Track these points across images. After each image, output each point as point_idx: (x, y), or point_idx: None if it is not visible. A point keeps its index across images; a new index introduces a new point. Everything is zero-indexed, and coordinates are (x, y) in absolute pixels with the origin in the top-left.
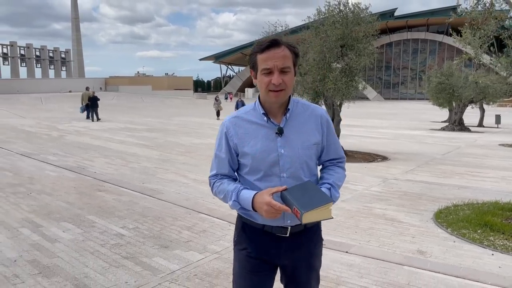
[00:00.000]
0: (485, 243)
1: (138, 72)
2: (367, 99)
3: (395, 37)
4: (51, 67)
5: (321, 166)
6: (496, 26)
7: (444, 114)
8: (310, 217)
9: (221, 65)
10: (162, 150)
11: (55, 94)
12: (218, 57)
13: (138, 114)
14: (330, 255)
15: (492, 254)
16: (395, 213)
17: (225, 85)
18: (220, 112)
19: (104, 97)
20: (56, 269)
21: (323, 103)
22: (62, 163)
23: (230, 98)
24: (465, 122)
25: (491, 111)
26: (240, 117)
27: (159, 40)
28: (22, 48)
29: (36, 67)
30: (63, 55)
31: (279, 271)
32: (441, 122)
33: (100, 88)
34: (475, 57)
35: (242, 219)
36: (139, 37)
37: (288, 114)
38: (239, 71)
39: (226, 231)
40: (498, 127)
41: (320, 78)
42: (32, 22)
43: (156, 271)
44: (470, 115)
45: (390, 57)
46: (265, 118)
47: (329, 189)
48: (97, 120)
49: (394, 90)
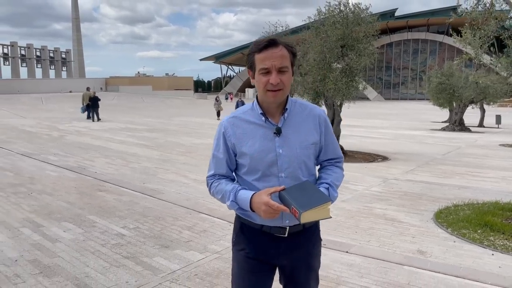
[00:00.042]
0: (485, 243)
1: (138, 72)
2: (367, 99)
3: (396, 37)
4: (51, 67)
5: (319, 166)
6: (496, 26)
7: (444, 114)
8: (309, 216)
9: (222, 65)
10: (162, 150)
11: (56, 94)
12: (218, 57)
13: (139, 114)
14: (330, 255)
15: (492, 254)
16: (395, 213)
17: (225, 85)
18: (221, 112)
19: (104, 97)
20: (57, 269)
21: (323, 103)
22: (62, 163)
23: (231, 98)
24: (465, 122)
25: (492, 111)
26: (238, 117)
27: (159, 40)
28: (23, 48)
29: (37, 67)
30: (63, 55)
31: (278, 271)
32: (442, 122)
33: (101, 88)
34: (475, 57)
35: (240, 219)
36: (140, 37)
37: (286, 114)
38: (239, 71)
39: (227, 231)
40: (498, 128)
41: (320, 78)
42: (33, 22)
43: (156, 271)
44: (471, 115)
45: (391, 57)
46: (263, 118)
47: (327, 189)
48: (98, 120)
49: (394, 90)
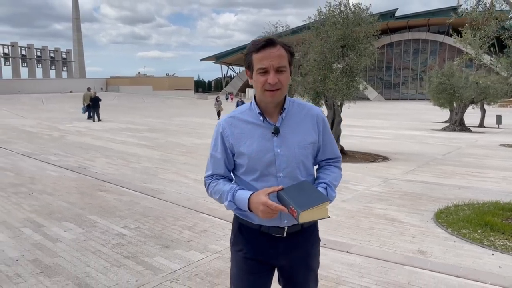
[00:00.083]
0: (485, 243)
1: (139, 72)
2: (367, 99)
3: (396, 37)
4: (52, 68)
5: (317, 166)
6: (496, 26)
7: (444, 114)
8: (307, 216)
9: (222, 65)
10: (163, 150)
11: (56, 95)
12: (219, 58)
13: (139, 115)
14: (330, 254)
15: (492, 254)
16: (395, 213)
17: (226, 86)
18: (221, 112)
19: (105, 97)
20: (58, 269)
21: (323, 104)
22: (63, 163)
23: (231, 99)
24: (466, 122)
25: (492, 111)
26: (236, 117)
27: (160, 40)
28: (23, 49)
29: (37, 67)
30: (64, 56)
31: (276, 272)
32: (442, 122)
33: (101, 88)
34: (475, 57)
35: (238, 220)
36: (140, 38)
37: (284, 114)
38: (239, 72)
39: (227, 230)
40: (499, 128)
41: (321, 79)
42: (33, 23)
43: (157, 270)
44: (471, 116)
45: (391, 58)
46: (261, 117)
47: (326, 189)
48: (98, 120)
49: (395, 91)
